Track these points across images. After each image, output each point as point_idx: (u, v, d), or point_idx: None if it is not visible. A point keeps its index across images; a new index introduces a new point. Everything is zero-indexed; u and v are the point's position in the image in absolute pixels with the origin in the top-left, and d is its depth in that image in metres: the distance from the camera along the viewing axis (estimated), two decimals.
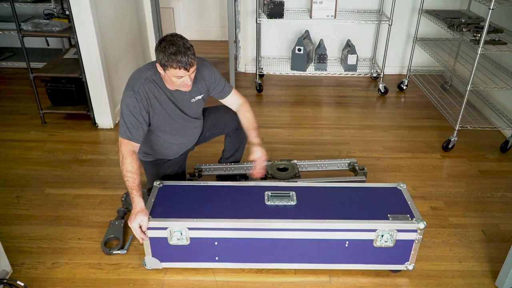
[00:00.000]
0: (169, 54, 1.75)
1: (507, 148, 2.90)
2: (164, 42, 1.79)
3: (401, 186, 2.02)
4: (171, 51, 1.75)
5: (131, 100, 1.86)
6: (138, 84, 1.88)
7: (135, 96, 1.86)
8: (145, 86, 1.89)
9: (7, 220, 2.24)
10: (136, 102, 1.86)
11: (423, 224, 1.79)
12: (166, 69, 1.80)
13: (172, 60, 1.76)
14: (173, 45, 1.76)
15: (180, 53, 1.75)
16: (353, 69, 3.77)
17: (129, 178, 1.81)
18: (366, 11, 3.93)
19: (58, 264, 1.97)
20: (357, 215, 1.84)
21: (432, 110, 3.48)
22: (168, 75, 1.83)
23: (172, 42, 1.77)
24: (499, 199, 2.46)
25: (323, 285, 1.88)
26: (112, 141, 3.01)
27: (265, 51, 4.19)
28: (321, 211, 1.88)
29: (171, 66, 1.78)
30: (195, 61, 1.83)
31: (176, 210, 1.87)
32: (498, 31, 2.95)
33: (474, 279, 1.92)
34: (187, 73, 1.81)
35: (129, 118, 1.86)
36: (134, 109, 1.86)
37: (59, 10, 3.80)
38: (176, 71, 1.79)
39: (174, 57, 1.75)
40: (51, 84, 3.18)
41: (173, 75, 1.81)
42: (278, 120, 3.36)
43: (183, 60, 1.76)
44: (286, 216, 1.83)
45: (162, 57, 1.78)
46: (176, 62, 1.76)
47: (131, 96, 1.87)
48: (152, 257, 1.88)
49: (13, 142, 2.97)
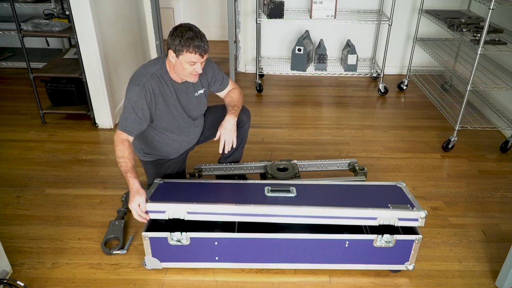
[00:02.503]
0: (186, 38, 1.80)
1: (507, 148, 2.90)
2: (181, 28, 1.84)
3: (400, 184, 2.02)
4: (188, 35, 1.81)
5: (135, 95, 1.89)
6: (144, 79, 1.91)
7: (140, 90, 1.89)
8: (151, 81, 1.92)
9: (7, 220, 2.24)
10: (139, 97, 1.89)
11: (424, 213, 1.79)
12: (180, 53, 1.84)
13: (189, 45, 1.81)
14: (190, 30, 1.83)
15: (197, 38, 1.82)
16: (353, 69, 3.77)
17: (122, 163, 1.86)
18: (366, 11, 3.93)
19: (58, 264, 1.97)
20: (358, 204, 1.85)
21: (432, 110, 3.48)
22: (181, 61, 1.86)
23: (190, 27, 1.84)
24: (499, 199, 2.46)
25: (323, 285, 1.88)
26: (112, 141, 2.98)
27: (265, 51, 4.19)
28: (321, 201, 1.89)
29: (188, 51, 1.82)
30: (209, 48, 1.88)
31: (175, 197, 1.89)
32: (498, 31, 2.95)
33: (474, 279, 1.92)
34: (201, 59, 1.86)
35: (129, 111, 1.90)
36: (135, 103, 1.89)
37: (59, 10, 3.80)
38: (191, 55, 1.83)
39: (191, 41, 1.81)
40: (51, 84, 3.18)
41: (187, 61, 1.85)
42: (278, 120, 3.36)
43: (200, 45, 1.82)
44: (286, 204, 1.85)
45: (178, 41, 1.82)
46: (193, 47, 1.81)
47: (135, 91, 1.89)
48: (152, 257, 1.88)
49: (13, 142, 2.97)
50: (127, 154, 1.87)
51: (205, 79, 2.11)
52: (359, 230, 2.01)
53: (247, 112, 2.28)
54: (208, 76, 2.12)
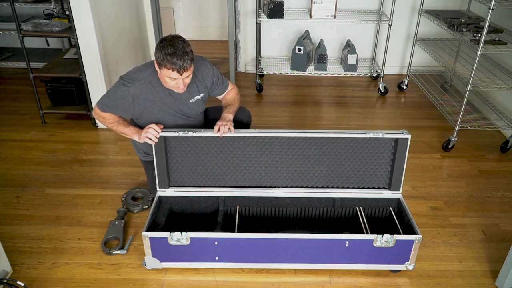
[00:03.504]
0: (165, 54, 1.77)
1: (507, 148, 2.90)
2: (165, 41, 1.80)
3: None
4: (168, 51, 1.77)
5: (116, 90, 1.95)
6: (132, 84, 1.93)
7: (123, 91, 1.93)
8: (137, 87, 1.93)
9: (7, 220, 2.24)
10: (118, 95, 1.95)
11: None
12: (161, 68, 1.83)
13: (167, 61, 1.78)
14: (171, 46, 1.77)
15: (176, 56, 1.77)
16: (353, 69, 3.77)
17: (118, 126, 2.02)
18: (366, 11, 3.93)
19: (58, 264, 1.97)
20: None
21: (432, 110, 3.48)
22: (162, 74, 1.86)
23: (172, 43, 1.78)
24: (499, 199, 2.46)
25: (323, 285, 1.88)
26: (112, 141, 3.01)
27: (265, 51, 4.19)
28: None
29: (165, 67, 1.80)
30: (191, 66, 1.84)
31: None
32: (498, 31, 2.95)
33: (474, 279, 1.92)
34: (180, 76, 1.82)
35: (109, 94, 1.98)
36: (113, 95, 1.97)
37: (59, 10, 3.79)
38: (169, 72, 1.81)
39: (169, 58, 1.77)
40: (51, 84, 3.18)
41: (166, 75, 1.84)
42: (278, 120, 3.36)
43: (178, 63, 1.77)
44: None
45: (158, 55, 1.80)
46: (171, 64, 1.78)
47: (119, 88, 1.94)
48: (152, 257, 1.88)
49: (13, 142, 2.97)
50: (116, 118, 2.02)
51: (203, 84, 2.07)
52: (359, 230, 2.01)
53: (247, 113, 2.27)
54: (207, 82, 2.08)
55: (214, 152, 2.04)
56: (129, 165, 2.71)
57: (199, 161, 2.05)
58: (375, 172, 2.06)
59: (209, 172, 2.09)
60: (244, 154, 2.04)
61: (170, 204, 2.11)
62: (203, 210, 2.11)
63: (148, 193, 2.38)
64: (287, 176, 2.09)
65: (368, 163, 2.04)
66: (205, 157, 2.05)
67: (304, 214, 2.15)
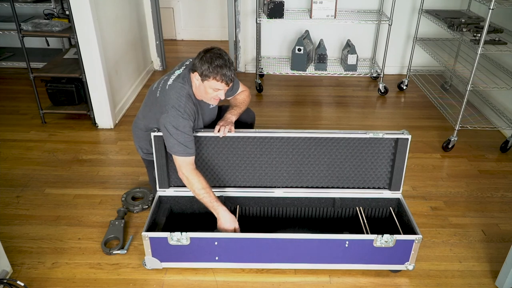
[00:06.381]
0: (215, 66, 1.80)
1: (507, 148, 2.90)
2: (210, 53, 1.82)
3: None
4: (218, 63, 1.80)
5: (179, 120, 1.85)
6: (183, 103, 1.87)
7: (183, 116, 1.85)
8: (189, 104, 1.90)
9: (7, 220, 2.24)
10: (185, 121, 1.86)
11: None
12: (206, 79, 1.83)
13: (217, 73, 1.80)
14: (220, 58, 1.81)
15: (226, 67, 1.81)
16: (353, 69, 3.77)
17: (204, 195, 1.90)
18: (366, 11, 3.93)
19: (58, 264, 1.97)
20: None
21: (432, 110, 3.48)
22: (205, 86, 1.86)
23: (220, 55, 1.82)
24: (499, 199, 2.46)
25: (323, 285, 1.88)
26: (112, 141, 3.01)
27: (265, 51, 4.19)
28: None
29: (214, 78, 1.81)
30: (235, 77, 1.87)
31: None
32: (498, 31, 2.95)
33: (474, 279, 1.92)
34: (227, 87, 1.86)
35: (183, 137, 1.85)
36: (184, 128, 1.85)
37: (59, 10, 3.79)
38: (217, 83, 1.83)
39: (219, 69, 1.80)
40: (51, 84, 3.18)
41: (211, 87, 1.85)
42: (278, 120, 3.36)
43: (228, 74, 1.82)
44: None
45: (206, 67, 1.81)
46: (221, 75, 1.81)
47: (178, 116, 1.85)
48: (152, 257, 1.88)
49: (13, 142, 2.97)
50: (206, 185, 1.91)
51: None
52: (359, 230, 2.02)
53: (252, 114, 2.28)
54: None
55: (214, 152, 2.04)
56: (129, 165, 2.71)
57: (199, 161, 2.05)
58: (375, 172, 2.06)
59: (209, 172, 2.09)
60: (244, 154, 2.04)
61: (170, 204, 2.12)
62: (203, 210, 2.11)
63: (148, 193, 2.38)
64: (287, 176, 2.09)
65: (368, 163, 2.04)
66: (205, 157, 2.05)
67: (304, 214, 2.15)
